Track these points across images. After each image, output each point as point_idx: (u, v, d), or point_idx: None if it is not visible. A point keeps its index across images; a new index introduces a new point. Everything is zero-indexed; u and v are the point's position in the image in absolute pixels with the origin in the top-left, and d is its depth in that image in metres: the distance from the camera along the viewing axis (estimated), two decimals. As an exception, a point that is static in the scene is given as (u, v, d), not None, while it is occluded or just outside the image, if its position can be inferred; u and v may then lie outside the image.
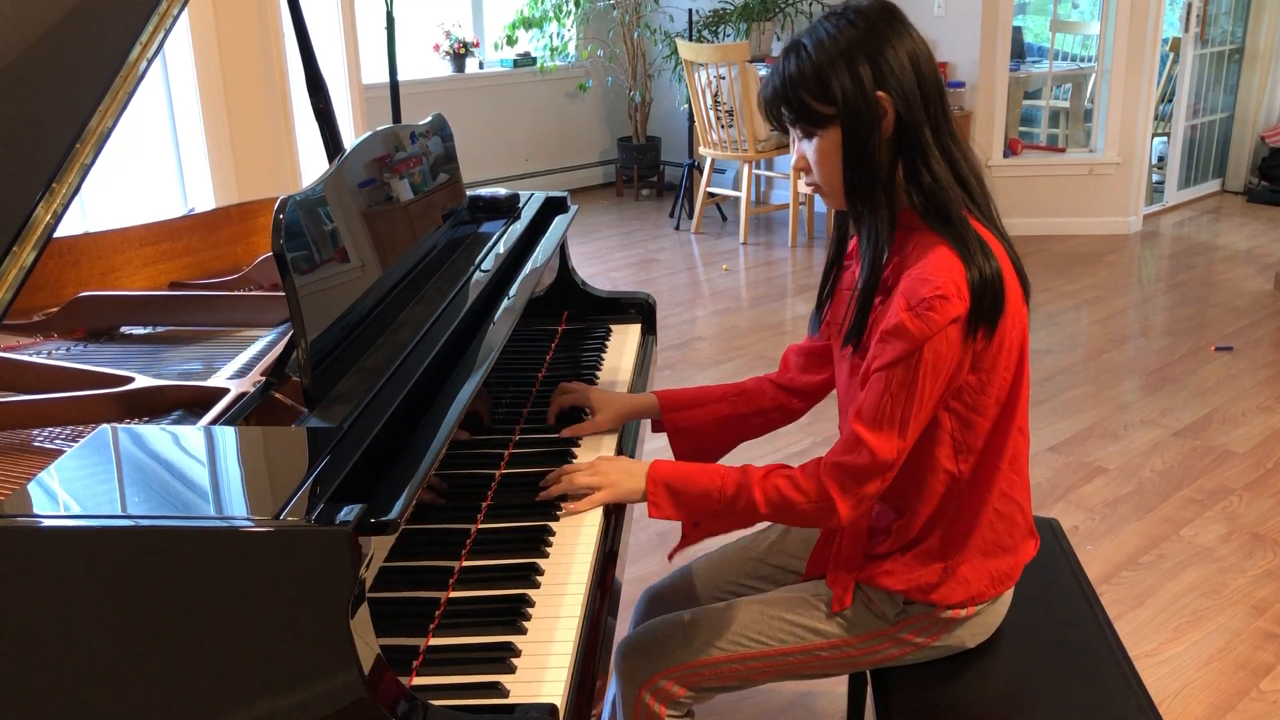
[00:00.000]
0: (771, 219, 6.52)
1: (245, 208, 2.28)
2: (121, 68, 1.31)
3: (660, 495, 1.49)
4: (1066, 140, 6.84)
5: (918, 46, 1.42)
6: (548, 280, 2.16)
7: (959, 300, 1.37)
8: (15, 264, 1.23)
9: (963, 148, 1.47)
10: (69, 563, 1.02)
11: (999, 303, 1.40)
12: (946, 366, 1.39)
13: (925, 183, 1.42)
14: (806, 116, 1.43)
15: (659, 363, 2.27)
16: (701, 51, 5.70)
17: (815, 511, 1.45)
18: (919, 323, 1.36)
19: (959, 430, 1.47)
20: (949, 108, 1.46)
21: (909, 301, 1.37)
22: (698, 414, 1.78)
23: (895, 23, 1.42)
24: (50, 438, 1.46)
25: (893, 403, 1.39)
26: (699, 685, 1.57)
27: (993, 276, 1.39)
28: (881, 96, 1.39)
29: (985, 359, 1.43)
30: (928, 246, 1.41)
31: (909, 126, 1.41)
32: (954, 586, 1.52)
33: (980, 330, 1.40)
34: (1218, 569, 2.81)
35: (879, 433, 1.40)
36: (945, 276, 1.37)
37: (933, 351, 1.37)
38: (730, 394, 1.78)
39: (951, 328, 1.37)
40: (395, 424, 1.26)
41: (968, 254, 1.38)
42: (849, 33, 1.40)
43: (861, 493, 1.43)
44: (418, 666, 1.20)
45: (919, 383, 1.38)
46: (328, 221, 1.42)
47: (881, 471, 1.41)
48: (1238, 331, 4.54)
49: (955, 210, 1.42)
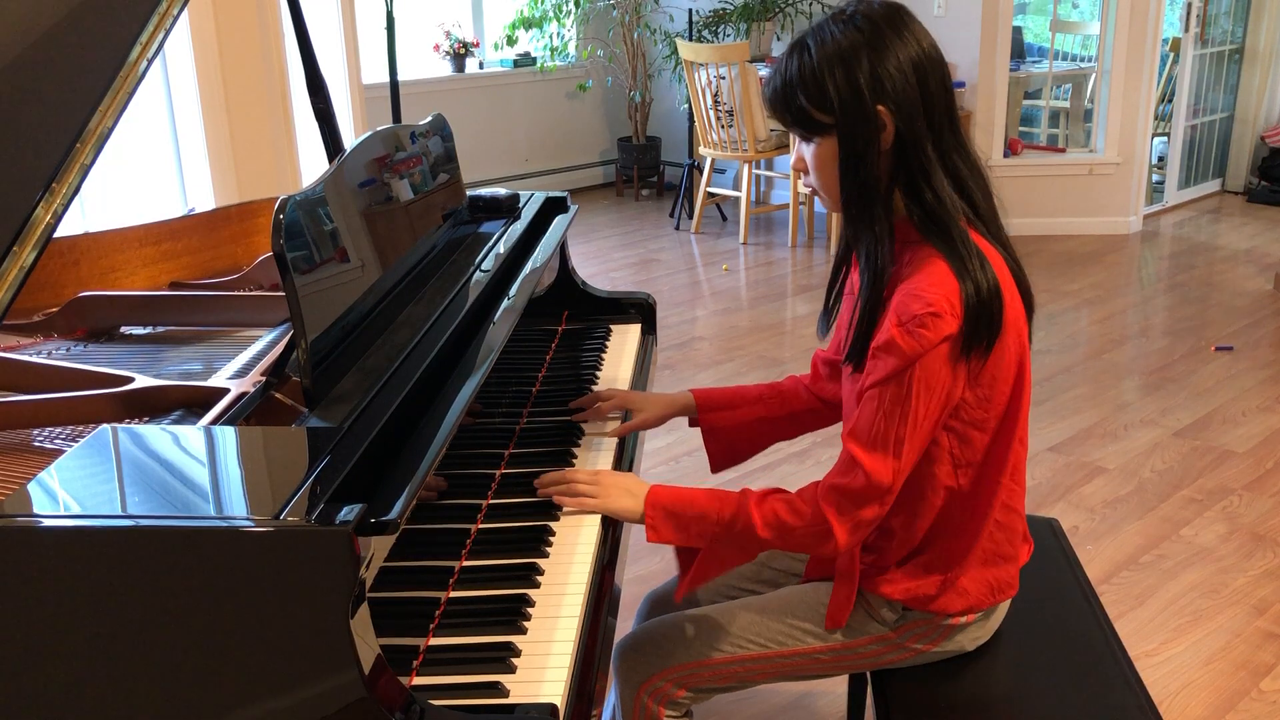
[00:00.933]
0: (771, 219, 6.52)
1: (245, 208, 2.28)
2: (121, 68, 1.31)
3: (659, 519, 1.47)
4: (1066, 140, 6.84)
5: (925, 53, 1.37)
6: (548, 280, 2.16)
7: (951, 318, 1.33)
8: (15, 264, 1.23)
9: (968, 158, 1.42)
10: (69, 563, 1.02)
11: (996, 321, 1.36)
12: (940, 385, 1.36)
13: (926, 199, 1.38)
14: (805, 122, 1.40)
15: (659, 363, 2.27)
16: (701, 51, 5.70)
17: (812, 536, 1.42)
18: (910, 340, 1.33)
19: (957, 446, 1.45)
20: (956, 117, 1.41)
21: (900, 317, 1.34)
22: (733, 416, 1.78)
23: (902, 28, 1.36)
24: (50, 438, 1.46)
25: (886, 421, 1.37)
26: (697, 686, 1.57)
27: (989, 294, 1.35)
28: (881, 110, 1.35)
29: (984, 376, 1.40)
30: (923, 260, 1.37)
31: (909, 141, 1.36)
32: (953, 597, 1.51)
33: (975, 349, 1.36)
34: (1218, 569, 2.81)
35: (873, 454, 1.38)
36: (938, 293, 1.33)
37: (924, 369, 1.34)
38: (766, 395, 1.78)
39: (943, 346, 1.34)
40: (395, 424, 1.26)
41: (964, 269, 1.35)
42: (852, 37, 1.35)
43: (859, 517, 1.40)
44: (418, 666, 1.20)
45: (912, 400, 1.35)
46: (328, 221, 1.42)
47: (878, 496, 1.39)
48: (1238, 331, 4.54)
49: (955, 225, 1.38)
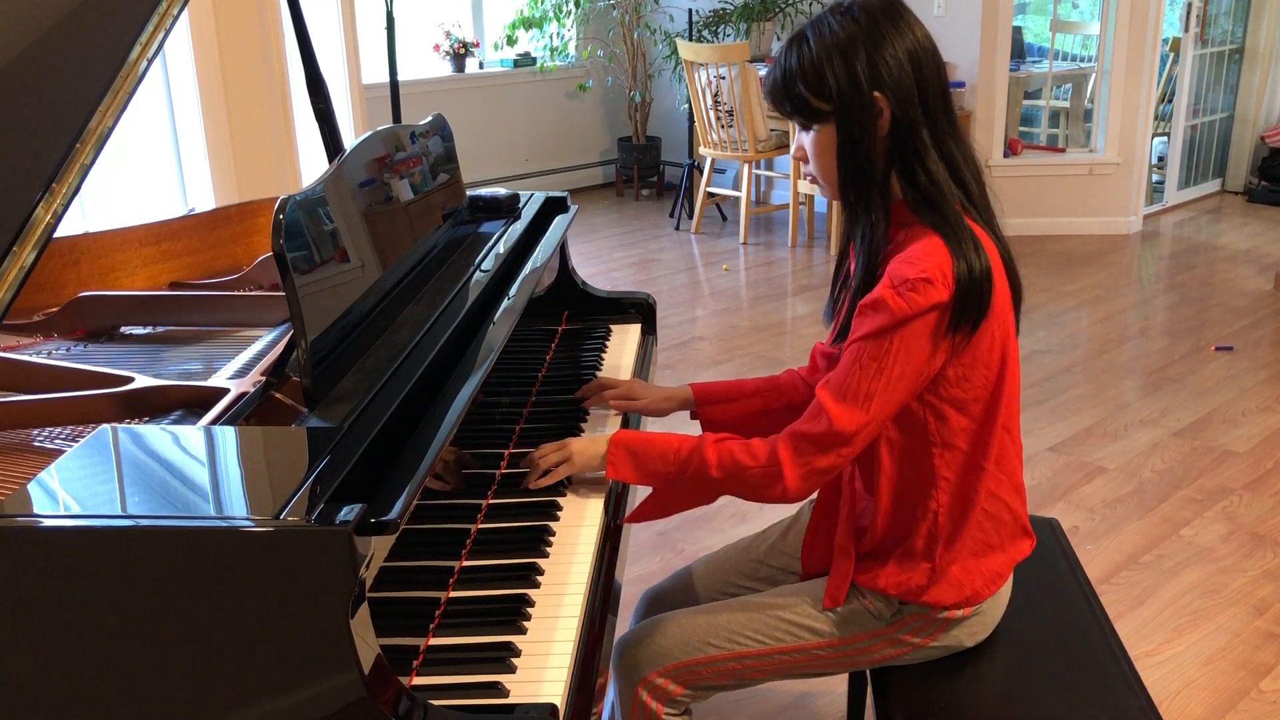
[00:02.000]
0: (771, 219, 6.52)
1: (245, 208, 2.28)
2: (121, 68, 1.31)
3: (619, 456, 1.53)
4: (1066, 140, 6.84)
5: (920, 44, 1.43)
6: (548, 280, 2.16)
7: (943, 287, 1.37)
8: (15, 264, 1.23)
9: (964, 148, 1.47)
10: (69, 563, 1.02)
11: (985, 301, 1.40)
12: (920, 351, 1.39)
13: (920, 181, 1.43)
14: (803, 110, 1.46)
15: (659, 362, 2.27)
16: (701, 51, 5.70)
17: (762, 476, 1.45)
18: (900, 300, 1.37)
19: (934, 423, 1.47)
20: (951, 107, 1.47)
21: (893, 280, 1.38)
22: (731, 409, 1.80)
23: (898, 20, 1.42)
24: (50, 438, 1.46)
25: (861, 374, 1.40)
26: (696, 683, 1.57)
27: (981, 273, 1.39)
28: (878, 96, 1.40)
29: (965, 354, 1.43)
30: (919, 235, 1.42)
31: (905, 126, 1.42)
32: (946, 588, 1.52)
33: (961, 327, 1.40)
34: (1218, 569, 2.81)
35: (842, 404, 1.40)
36: (932, 262, 1.38)
37: (909, 331, 1.38)
38: (764, 388, 1.80)
39: (930, 314, 1.37)
40: (395, 424, 1.26)
41: (958, 246, 1.39)
42: (850, 29, 1.41)
43: (812, 464, 1.43)
44: (418, 666, 1.20)
45: (889, 359, 1.38)
46: (328, 221, 1.42)
47: (837, 444, 1.41)
48: (1238, 331, 4.54)
49: (949, 206, 1.42)
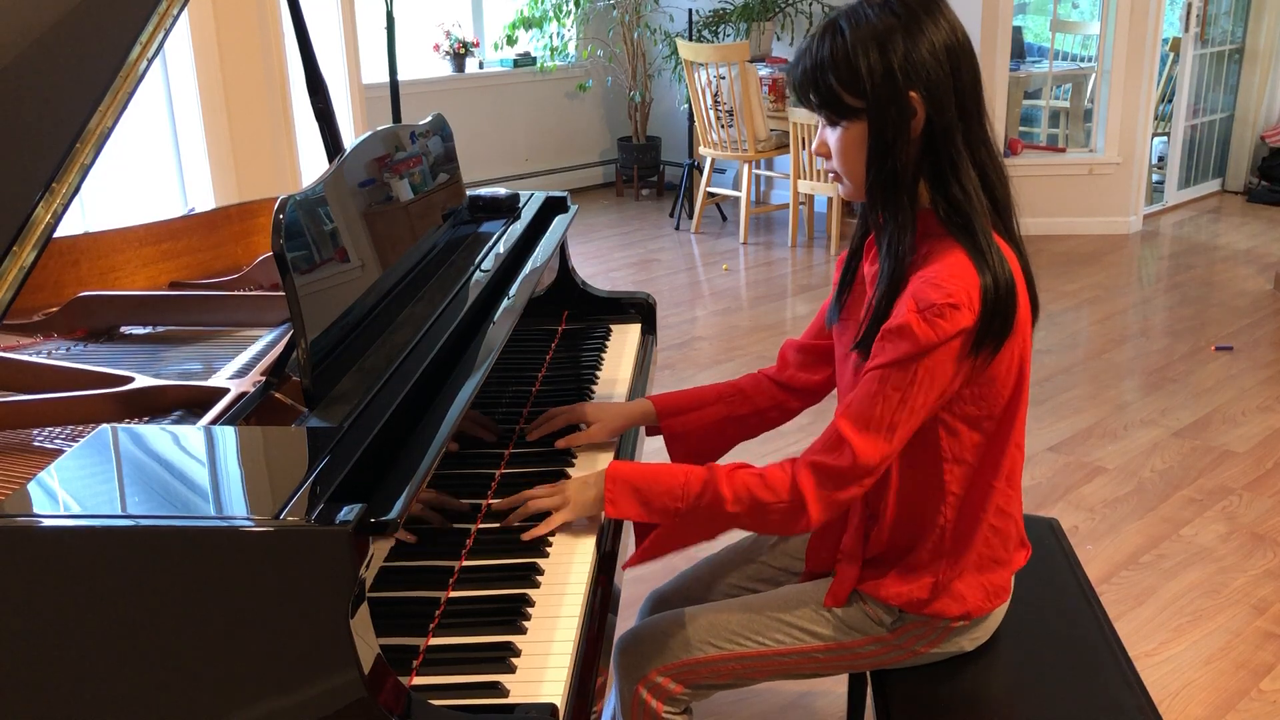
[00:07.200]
0: (771, 219, 6.52)
1: (245, 208, 2.28)
2: (121, 68, 1.31)
3: (619, 493, 1.43)
4: (1066, 140, 6.84)
5: (959, 40, 1.36)
6: (548, 280, 2.16)
7: (968, 311, 1.32)
8: (15, 264, 1.23)
9: (994, 153, 1.41)
10: (69, 563, 1.02)
11: (1009, 321, 1.36)
12: (944, 376, 1.35)
13: (953, 193, 1.37)
14: (833, 105, 1.38)
15: (659, 363, 2.27)
16: (701, 51, 5.70)
17: (784, 512, 1.39)
18: (926, 328, 1.32)
19: (946, 439, 1.44)
20: (984, 109, 1.40)
21: (919, 304, 1.33)
22: (694, 418, 1.74)
23: (937, 13, 1.35)
24: (50, 438, 1.46)
25: (884, 405, 1.35)
26: (696, 683, 1.57)
27: (1006, 290, 1.34)
28: (913, 95, 1.34)
29: (984, 374, 1.40)
30: (944, 250, 1.37)
31: (940, 130, 1.35)
32: (949, 602, 1.50)
33: (985, 347, 1.36)
34: (1218, 569, 2.81)
35: (865, 434, 1.35)
36: (958, 284, 1.33)
37: (934, 360, 1.33)
38: (726, 394, 1.75)
39: (956, 341, 1.33)
40: (395, 424, 1.26)
41: (984, 263, 1.34)
42: (888, 20, 1.33)
43: (835, 497, 1.38)
44: (418, 666, 1.20)
45: (914, 388, 1.34)
46: (328, 221, 1.42)
47: (860, 476, 1.37)
48: (1238, 331, 4.54)
49: (979, 221, 1.37)
